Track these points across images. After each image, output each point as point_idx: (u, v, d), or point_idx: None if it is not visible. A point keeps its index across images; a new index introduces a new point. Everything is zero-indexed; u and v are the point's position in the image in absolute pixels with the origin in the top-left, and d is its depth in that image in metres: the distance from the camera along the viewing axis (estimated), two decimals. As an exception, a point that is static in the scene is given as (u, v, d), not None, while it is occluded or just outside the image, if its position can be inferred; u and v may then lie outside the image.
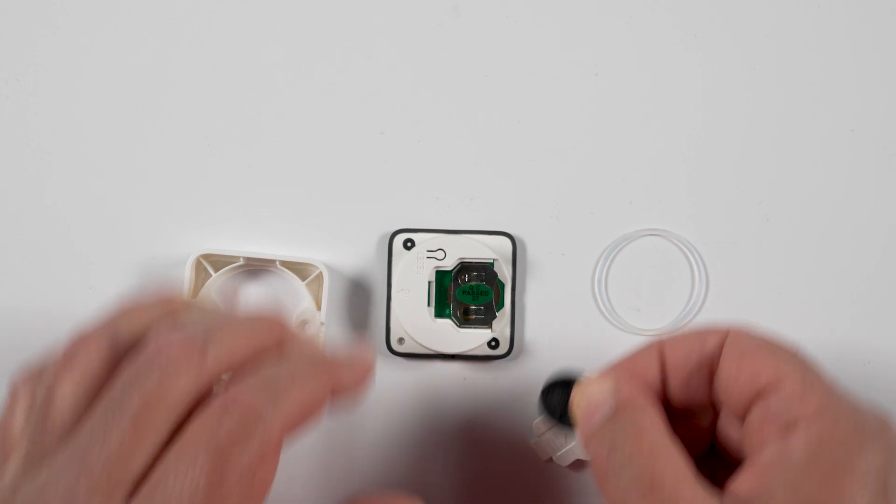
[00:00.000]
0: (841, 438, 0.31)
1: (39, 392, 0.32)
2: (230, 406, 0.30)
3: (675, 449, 0.32)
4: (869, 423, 0.31)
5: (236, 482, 0.29)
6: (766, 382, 0.32)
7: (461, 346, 0.41)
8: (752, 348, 0.33)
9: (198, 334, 0.31)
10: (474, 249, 0.41)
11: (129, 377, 0.31)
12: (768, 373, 0.32)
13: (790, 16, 0.42)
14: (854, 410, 0.31)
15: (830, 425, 0.31)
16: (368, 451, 0.41)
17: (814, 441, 0.31)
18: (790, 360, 0.32)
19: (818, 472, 0.30)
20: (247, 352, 0.32)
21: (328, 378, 0.32)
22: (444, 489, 0.42)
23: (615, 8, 0.42)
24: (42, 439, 0.31)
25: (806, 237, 0.42)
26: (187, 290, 0.41)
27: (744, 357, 0.33)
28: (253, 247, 0.42)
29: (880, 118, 0.42)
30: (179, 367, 0.30)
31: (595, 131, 0.42)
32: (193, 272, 0.41)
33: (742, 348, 0.33)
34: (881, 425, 0.32)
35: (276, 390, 0.30)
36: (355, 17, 0.43)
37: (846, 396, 0.32)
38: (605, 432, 0.33)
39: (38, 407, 0.32)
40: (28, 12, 0.43)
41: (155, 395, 0.30)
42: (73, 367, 0.32)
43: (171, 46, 0.43)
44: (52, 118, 0.43)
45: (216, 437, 0.29)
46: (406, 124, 0.43)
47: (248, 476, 0.29)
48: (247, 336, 0.33)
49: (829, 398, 0.31)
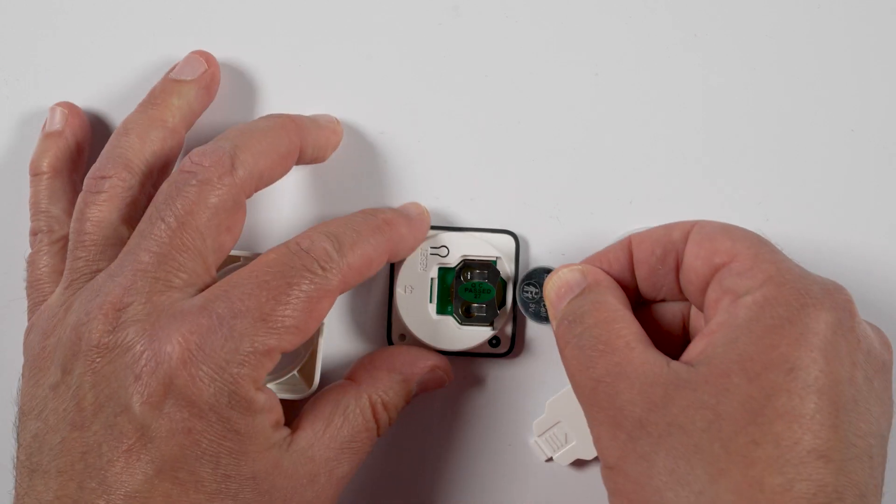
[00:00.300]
0: (783, 300, 0.31)
1: (74, 226, 0.37)
2: (303, 253, 0.34)
3: (631, 319, 0.34)
4: (815, 288, 0.32)
5: (290, 313, 0.33)
6: (720, 261, 0.33)
7: (462, 344, 0.40)
8: (712, 233, 0.34)
9: (225, 146, 0.36)
10: (477, 247, 0.41)
11: (168, 191, 0.35)
12: (723, 251, 0.33)
13: (790, 16, 0.42)
14: (801, 278, 0.32)
15: (774, 289, 0.31)
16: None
17: (758, 303, 0.31)
18: (745, 238, 0.33)
19: (758, 329, 0.31)
20: (272, 157, 0.37)
21: (388, 234, 0.37)
22: (444, 488, 0.42)
23: (615, 8, 0.42)
24: (80, 266, 0.36)
25: (806, 237, 0.42)
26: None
27: (703, 241, 0.34)
28: (256, 246, 0.42)
29: (880, 118, 0.42)
30: (213, 175, 0.35)
31: (595, 131, 0.42)
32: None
33: (703, 234, 0.34)
34: (827, 291, 0.32)
35: (342, 244, 0.35)
36: (355, 17, 0.43)
37: (797, 268, 0.32)
38: (570, 306, 0.35)
39: (73, 234, 0.37)
40: (28, 12, 0.43)
41: (195, 202, 0.35)
42: (97, 193, 0.37)
43: (172, 46, 0.43)
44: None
45: (287, 273, 0.34)
46: (406, 124, 0.43)
47: (307, 310, 0.34)
48: (269, 141, 0.37)
49: (777, 268, 0.32)
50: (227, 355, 0.32)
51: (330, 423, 0.36)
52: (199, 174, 0.35)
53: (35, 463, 0.33)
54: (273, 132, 0.37)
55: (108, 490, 0.32)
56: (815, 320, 0.31)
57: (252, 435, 0.33)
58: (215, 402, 0.32)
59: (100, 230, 0.36)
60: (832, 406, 0.30)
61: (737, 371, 0.31)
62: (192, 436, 0.32)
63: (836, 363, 0.30)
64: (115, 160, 0.38)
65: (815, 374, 0.30)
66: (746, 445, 0.30)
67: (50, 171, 0.40)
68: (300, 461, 0.35)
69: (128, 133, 0.38)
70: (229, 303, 0.33)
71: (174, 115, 0.39)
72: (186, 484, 0.32)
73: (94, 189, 0.37)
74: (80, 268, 0.36)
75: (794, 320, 0.31)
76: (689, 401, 0.31)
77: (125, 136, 0.38)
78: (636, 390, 0.32)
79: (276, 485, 0.34)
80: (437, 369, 0.39)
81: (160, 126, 0.39)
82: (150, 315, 0.33)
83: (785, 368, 0.30)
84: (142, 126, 0.39)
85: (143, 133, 0.38)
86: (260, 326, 0.33)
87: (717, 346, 0.32)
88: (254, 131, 0.37)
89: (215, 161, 0.35)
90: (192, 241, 0.34)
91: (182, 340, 0.32)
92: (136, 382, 0.32)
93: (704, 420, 0.30)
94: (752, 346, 0.31)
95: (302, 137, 0.38)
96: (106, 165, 0.37)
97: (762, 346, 0.31)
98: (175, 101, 0.40)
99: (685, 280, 0.35)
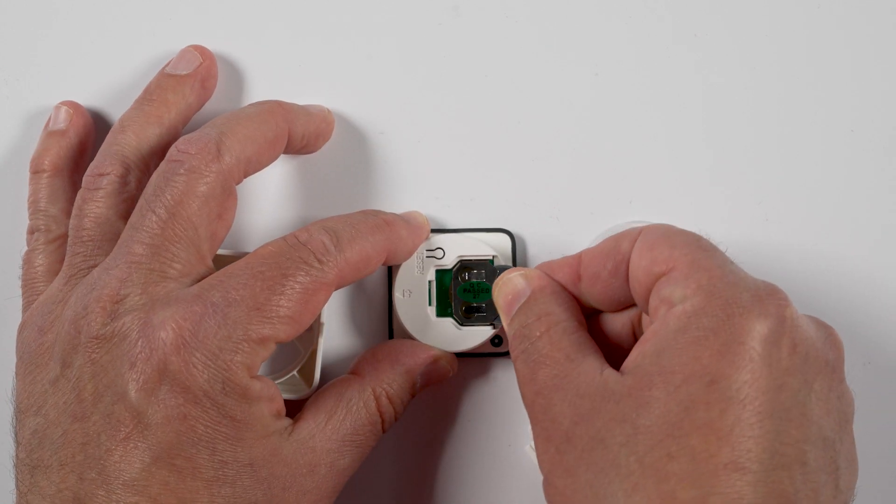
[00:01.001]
0: (710, 311, 0.31)
1: (73, 223, 0.37)
2: (300, 245, 0.34)
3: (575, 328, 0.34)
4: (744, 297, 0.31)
5: (285, 304, 0.33)
6: (659, 270, 0.33)
7: (464, 345, 0.40)
8: (653, 242, 0.33)
9: (210, 133, 0.36)
10: (473, 247, 0.41)
11: (157, 182, 0.35)
12: (662, 260, 0.33)
13: (790, 16, 0.42)
14: (732, 286, 0.31)
15: (704, 299, 0.31)
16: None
17: (686, 313, 0.31)
18: (684, 245, 0.33)
19: (684, 341, 0.30)
20: (259, 142, 0.37)
21: (387, 234, 0.37)
22: (444, 488, 0.42)
23: (615, 8, 0.42)
24: (77, 262, 0.36)
25: (806, 237, 0.42)
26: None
27: (645, 250, 0.33)
28: (255, 247, 0.42)
29: (880, 118, 0.42)
30: (199, 162, 0.35)
31: (595, 131, 0.42)
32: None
33: (645, 243, 0.34)
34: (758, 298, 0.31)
35: (339, 238, 0.35)
36: (355, 16, 0.43)
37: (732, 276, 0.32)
38: (517, 320, 0.35)
39: (72, 231, 0.37)
40: (28, 12, 0.43)
41: (184, 191, 0.35)
42: (95, 190, 0.37)
43: (172, 46, 0.43)
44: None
45: (283, 265, 0.34)
46: (406, 124, 0.43)
47: (303, 301, 0.34)
48: (255, 126, 0.37)
49: (709, 277, 0.31)
50: (220, 342, 0.33)
51: (332, 415, 0.36)
52: (186, 163, 0.35)
53: (36, 459, 0.33)
54: (259, 117, 0.37)
55: (107, 479, 0.32)
56: (741, 331, 0.30)
57: (248, 422, 0.33)
58: (209, 388, 0.32)
59: (98, 226, 0.37)
60: (756, 416, 0.29)
61: (658, 383, 0.30)
62: (188, 422, 0.32)
63: (763, 372, 0.30)
64: (112, 157, 0.38)
65: (738, 385, 0.29)
66: (661, 459, 0.29)
67: (51, 169, 0.40)
68: (300, 451, 0.35)
69: (124, 130, 0.39)
70: (224, 292, 0.33)
71: (170, 111, 0.39)
72: (184, 471, 0.32)
73: (93, 186, 0.37)
74: (77, 263, 0.36)
75: (718, 331, 0.30)
76: (612, 413, 0.31)
77: (122, 134, 0.38)
78: (567, 402, 0.32)
79: (275, 472, 0.34)
80: (440, 360, 0.39)
81: (156, 123, 0.39)
82: (146, 304, 0.33)
83: (705, 381, 0.29)
84: (138, 123, 0.39)
85: (139, 130, 0.39)
86: (254, 315, 0.33)
87: (645, 357, 0.31)
88: (240, 117, 0.37)
89: (201, 148, 0.35)
90: (184, 232, 0.35)
91: (176, 327, 0.33)
92: (131, 370, 0.32)
93: (624, 434, 0.30)
94: (676, 359, 0.30)
95: (290, 122, 0.38)
96: (103, 163, 0.38)
97: (685, 359, 0.30)
98: (171, 97, 0.40)
99: (632, 290, 0.34)
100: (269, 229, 0.43)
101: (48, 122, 0.41)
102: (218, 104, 0.42)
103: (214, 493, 0.33)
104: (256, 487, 0.33)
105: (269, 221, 0.43)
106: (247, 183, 0.39)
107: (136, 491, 0.32)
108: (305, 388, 0.39)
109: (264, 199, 0.42)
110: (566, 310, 0.35)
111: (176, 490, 0.32)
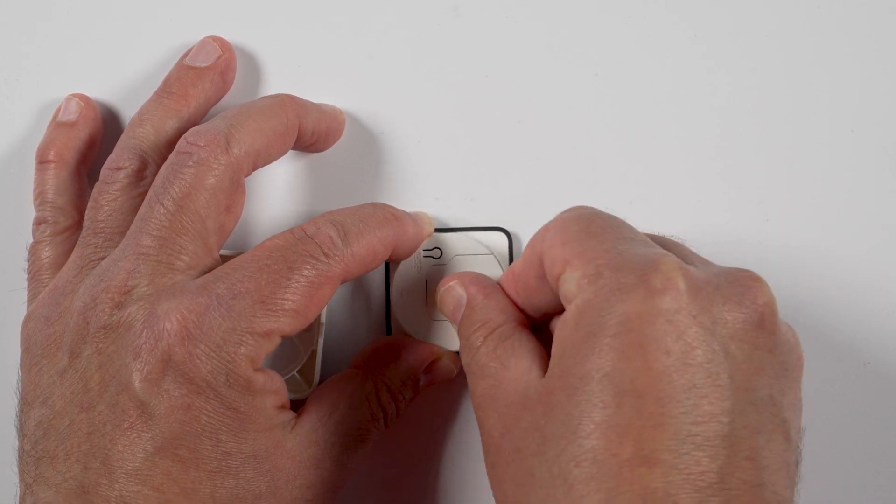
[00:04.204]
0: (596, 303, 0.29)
1: (88, 214, 0.37)
2: (307, 239, 0.34)
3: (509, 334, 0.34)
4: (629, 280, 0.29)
5: (290, 297, 0.33)
6: (559, 271, 0.32)
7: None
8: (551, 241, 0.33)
9: (220, 125, 0.36)
10: (469, 246, 0.41)
11: (166, 174, 0.35)
12: (559, 260, 0.32)
13: (790, 16, 0.42)
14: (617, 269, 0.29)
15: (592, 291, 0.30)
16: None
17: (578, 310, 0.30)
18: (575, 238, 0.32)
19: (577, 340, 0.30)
20: (268, 135, 0.37)
21: (395, 228, 0.37)
22: (443, 488, 0.42)
23: (615, 8, 0.42)
24: (88, 253, 0.36)
25: (806, 237, 0.42)
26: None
27: (546, 252, 0.33)
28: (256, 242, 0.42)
29: (880, 118, 0.42)
30: (208, 154, 0.35)
31: (595, 131, 0.42)
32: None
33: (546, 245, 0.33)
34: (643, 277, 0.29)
35: (347, 232, 0.35)
36: (355, 16, 0.43)
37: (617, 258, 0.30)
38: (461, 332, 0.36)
39: (87, 223, 0.37)
40: (27, 12, 0.43)
41: (192, 184, 0.35)
42: (112, 183, 0.37)
43: (172, 46, 0.43)
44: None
45: (289, 258, 0.34)
46: (406, 124, 0.43)
47: (308, 295, 0.34)
48: (265, 118, 0.37)
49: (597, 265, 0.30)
50: (224, 334, 0.33)
51: (335, 409, 0.36)
52: (195, 155, 0.35)
53: (41, 450, 0.33)
54: (270, 110, 0.37)
55: (111, 469, 0.32)
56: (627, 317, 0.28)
57: (252, 414, 0.33)
58: (213, 379, 0.33)
59: (113, 220, 0.37)
60: (656, 403, 0.27)
61: (559, 387, 0.29)
62: (191, 412, 0.32)
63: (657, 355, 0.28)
64: (129, 151, 0.38)
65: (631, 375, 0.28)
66: (567, 466, 0.28)
67: (57, 159, 0.40)
68: (304, 444, 0.35)
69: (143, 123, 0.39)
70: (229, 284, 0.33)
71: (189, 105, 0.39)
72: (187, 461, 0.32)
73: (110, 179, 0.37)
74: (88, 254, 0.36)
75: (604, 323, 0.29)
76: (527, 422, 0.30)
77: (140, 127, 0.39)
78: (497, 414, 0.32)
79: (279, 465, 0.34)
80: (443, 358, 0.39)
81: (175, 116, 0.39)
82: (152, 295, 0.34)
83: (598, 378, 0.28)
84: (157, 117, 0.39)
85: (158, 124, 0.39)
86: (258, 308, 0.33)
87: (553, 360, 0.31)
88: (251, 109, 0.37)
89: (210, 140, 0.35)
90: (191, 224, 0.35)
91: (180, 318, 0.33)
92: (135, 360, 0.32)
93: (535, 443, 0.29)
94: (571, 359, 0.29)
95: (301, 116, 0.38)
96: (121, 157, 0.38)
97: (579, 357, 0.29)
98: (190, 90, 0.40)
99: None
100: (270, 226, 0.43)
101: (56, 113, 0.41)
102: (218, 104, 0.42)
103: (217, 484, 0.33)
104: (260, 479, 0.33)
105: (270, 218, 0.43)
106: (252, 177, 0.39)
107: (139, 480, 0.32)
108: (306, 388, 0.39)
109: (266, 196, 0.43)
110: (501, 311, 0.35)
111: (179, 480, 0.32)
